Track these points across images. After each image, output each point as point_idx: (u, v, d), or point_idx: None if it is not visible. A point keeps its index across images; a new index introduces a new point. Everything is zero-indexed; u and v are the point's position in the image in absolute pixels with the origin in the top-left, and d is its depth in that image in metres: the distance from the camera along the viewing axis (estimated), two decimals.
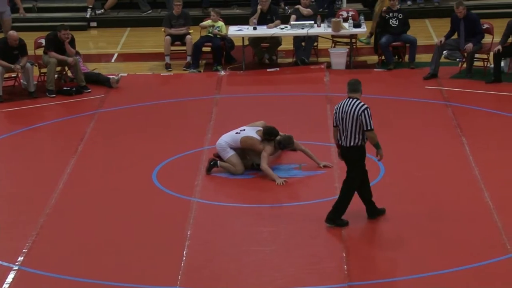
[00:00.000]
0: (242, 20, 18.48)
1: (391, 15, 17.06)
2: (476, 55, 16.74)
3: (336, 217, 10.64)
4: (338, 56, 17.17)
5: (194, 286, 9.57)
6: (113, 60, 18.60)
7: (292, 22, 17.36)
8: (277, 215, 11.22)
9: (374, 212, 10.78)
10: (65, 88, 16.26)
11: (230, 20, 18.72)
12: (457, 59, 16.92)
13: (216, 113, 14.94)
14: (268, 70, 17.26)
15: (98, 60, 18.31)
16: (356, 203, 11.36)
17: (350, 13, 18.17)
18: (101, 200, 11.74)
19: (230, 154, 12.30)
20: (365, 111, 10.29)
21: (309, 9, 17.58)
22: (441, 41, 16.37)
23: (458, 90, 15.72)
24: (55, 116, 15.19)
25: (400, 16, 17.05)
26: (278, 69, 17.31)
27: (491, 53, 16.23)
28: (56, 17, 20.50)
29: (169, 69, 17.54)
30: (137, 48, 19.33)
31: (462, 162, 12.57)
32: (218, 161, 12.37)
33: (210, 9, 18.44)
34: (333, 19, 17.24)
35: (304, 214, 11.22)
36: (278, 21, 17.49)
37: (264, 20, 17.51)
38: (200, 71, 17.46)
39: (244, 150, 12.40)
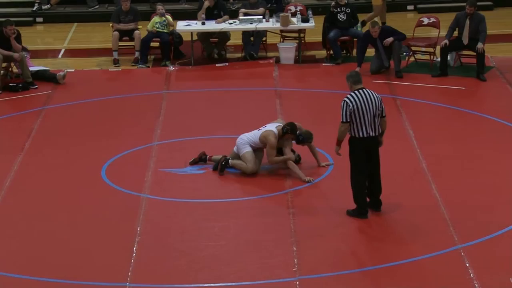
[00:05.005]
0: (190, 15, 18.43)
1: (339, 9, 17.14)
2: (423, 49, 16.93)
3: (353, 209, 10.77)
4: (287, 51, 17.22)
5: (145, 283, 9.54)
6: (60, 56, 18.44)
7: (240, 17, 17.36)
8: (228, 210, 11.22)
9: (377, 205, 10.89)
10: (11, 84, 16.08)
11: (179, 15, 18.67)
12: (404, 53, 17.05)
13: (165, 109, 14.89)
14: (217, 65, 17.24)
15: (44, 56, 18.12)
16: (306, 199, 11.42)
17: (299, 8, 18.24)
18: (49, 197, 11.64)
19: (246, 149, 11.90)
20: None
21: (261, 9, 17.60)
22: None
23: (405, 84, 15.86)
24: (1, 112, 15.00)
25: (348, 10, 17.14)
26: (227, 64, 17.30)
27: (438, 47, 16.40)
28: (1, 12, 20.24)
29: (117, 65, 17.43)
30: (84, 44, 19.18)
31: (410, 155, 12.68)
32: (230, 159, 12.01)
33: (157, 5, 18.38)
34: (282, 14, 17.28)
35: (254, 208, 11.23)
36: (226, 16, 17.49)
37: (212, 15, 17.49)
38: (148, 67, 17.38)
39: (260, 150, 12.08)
